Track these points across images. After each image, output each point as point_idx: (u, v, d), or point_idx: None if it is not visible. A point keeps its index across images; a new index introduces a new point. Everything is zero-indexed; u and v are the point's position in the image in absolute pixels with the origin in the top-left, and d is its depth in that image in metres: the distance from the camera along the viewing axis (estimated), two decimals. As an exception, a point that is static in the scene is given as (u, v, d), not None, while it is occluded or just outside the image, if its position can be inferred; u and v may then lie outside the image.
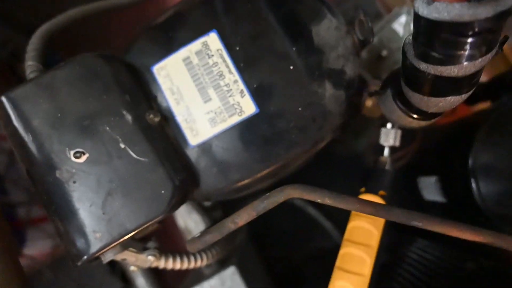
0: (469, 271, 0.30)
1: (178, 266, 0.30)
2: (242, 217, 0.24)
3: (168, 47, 0.28)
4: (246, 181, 0.28)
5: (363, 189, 0.31)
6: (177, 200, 0.26)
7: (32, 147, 0.25)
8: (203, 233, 0.25)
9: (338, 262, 0.28)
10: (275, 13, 0.28)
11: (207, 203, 0.53)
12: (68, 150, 0.25)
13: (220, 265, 0.41)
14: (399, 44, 0.40)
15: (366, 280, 0.27)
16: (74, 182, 0.25)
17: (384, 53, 0.41)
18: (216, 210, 0.55)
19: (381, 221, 0.29)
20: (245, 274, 0.37)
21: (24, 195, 0.55)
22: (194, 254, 0.31)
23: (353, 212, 0.30)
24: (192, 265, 0.31)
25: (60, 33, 0.32)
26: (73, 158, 0.25)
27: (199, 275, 0.40)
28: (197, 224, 0.57)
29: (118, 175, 0.25)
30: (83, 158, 0.25)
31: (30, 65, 0.28)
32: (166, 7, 0.29)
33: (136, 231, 0.25)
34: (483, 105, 0.42)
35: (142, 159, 0.26)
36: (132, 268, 0.29)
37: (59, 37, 0.32)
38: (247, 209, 0.24)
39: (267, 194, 0.25)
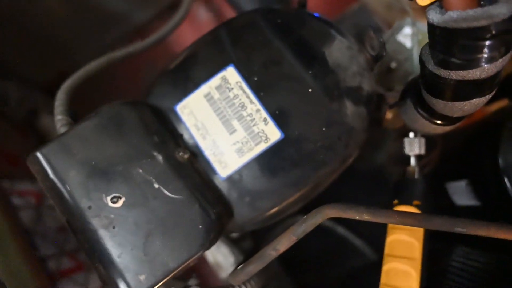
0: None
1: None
2: (283, 243, 0.24)
3: (188, 86, 0.29)
4: (279, 207, 0.28)
5: (396, 201, 0.31)
6: (215, 233, 0.26)
7: (71, 198, 0.26)
8: (245, 264, 0.25)
9: (383, 280, 0.28)
10: (286, 41, 0.29)
11: (234, 235, 0.53)
12: (105, 197, 0.26)
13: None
14: (406, 55, 0.41)
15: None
16: (114, 227, 0.25)
17: (394, 65, 0.42)
18: (244, 241, 0.54)
19: (420, 232, 0.28)
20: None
21: (53, 247, 0.56)
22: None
23: (389, 226, 0.30)
24: None
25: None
26: (110, 204, 0.26)
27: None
28: (226, 257, 0.56)
29: (155, 215, 0.25)
30: (120, 203, 0.26)
31: (59, 119, 0.30)
32: (173, 50, 0.31)
33: (179, 269, 0.25)
34: (501, 103, 0.42)
35: (177, 196, 0.26)
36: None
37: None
38: (286, 234, 0.24)
39: (305, 217, 0.25)
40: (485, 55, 0.19)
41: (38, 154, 0.26)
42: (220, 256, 0.57)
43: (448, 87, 0.22)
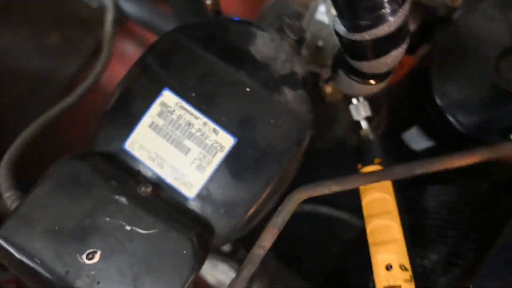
0: (486, 191, 0.32)
1: None
2: (267, 239, 0.25)
3: (130, 122, 0.29)
4: (255, 208, 0.28)
5: (359, 165, 0.32)
6: (201, 253, 0.26)
7: (45, 270, 0.24)
8: (238, 272, 0.25)
9: (369, 239, 0.29)
10: (212, 50, 0.29)
11: (226, 249, 0.53)
12: (80, 256, 0.25)
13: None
14: (328, 31, 0.43)
15: (401, 243, 0.27)
16: (98, 283, 0.24)
17: (320, 43, 0.44)
18: (238, 252, 0.54)
19: (389, 186, 0.30)
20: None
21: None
22: None
23: (361, 189, 0.31)
24: None
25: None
26: (87, 261, 0.25)
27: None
28: (227, 273, 0.56)
29: (136, 257, 0.25)
30: (97, 257, 0.25)
31: (8, 196, 0.28)
32: (108, 92, 0.31)
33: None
34: (423, 49, 0.45)
35: (152, 231, 0.26)
36: None
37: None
38: (268, 229, 0.25)
39: (279, 208, 0.25)
40: (387, 10, 0.21)
41: None
42: (220, 275, 0.56)
43: (367, 48, 0.23)
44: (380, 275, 0.27)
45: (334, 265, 0.57)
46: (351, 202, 0.56)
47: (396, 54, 0.24)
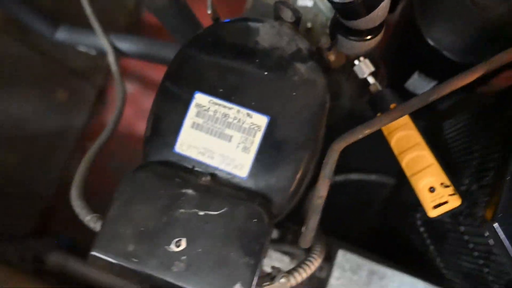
0: (493, 104, 0.35)
1: (308, 271, 0.33)
2: (321, 188, 0.28)
3: (174, 128, 0.33)
4: (301, 171, 0.32)
5: (378, 114, 0.36)
6: (268, 219, 0.29)
7: (142, 266, 0.28)
8: (305, 223, 0.29)
9: (407, 173, 0.32)
10: (223, 51, 0.34)
11: (275, 236, 0.56)
12: (168, 246, 0.28)
13: (326, 264, 0.44)
14: (313, 11, 0.48)
15: (436, 165, 0.31)
16: (190, 265, 0.28)
17: (309, 25, 0.48)
18: (286, 236, 0.57)
19: (411, 124, 0.33)
20: (350, 252, 0.40)
21: None
22: (310, 255, 0.34)
23: (386, 134, 0.35)
24: (317, 262, 0.33)
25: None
26: (176, 249, 0.28)
27: (320, 281, 0.42)
28: (281, 260, 0.59)
29: (216, 235, 0.29)
30: (183, 244, 0.29)
31: (89, 220, 0.32)
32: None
33: (262, 261, 0.28)
34: (401, 4, 0.49)
35: (222, 210, 0.29)
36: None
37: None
38: (320, 181, 0.28)
39: (324, 161, 0.29)
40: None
41: (95, 253, 0.29)
42: (276, 263, 0.59)
43: (359, 6, 0.27)
44: (426, 199, 0.30)
45: (375, 227, 0.60)
46: (375, 161, 0.60)
47: (385, 4, 0.28)
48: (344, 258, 0.38)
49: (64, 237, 0.94)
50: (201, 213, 0.29)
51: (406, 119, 0.33)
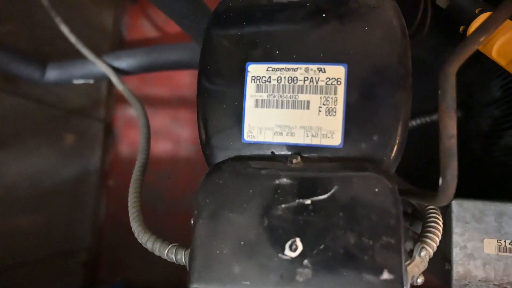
0: None
1: (439, 232, 0.27)
2: (449, 124, 0.22)
3: (235, 115, 0.27)
4: (403, 113, 0.26)
5: (462, 27, 0.29)
6: (391, 182, 0.23)
7: (258, 284, 0.22)
8: (442, 175, 0.22)
9: None
10: (258, 9, 0.27)
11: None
12: (283, 253, 0.22)
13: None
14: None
15: None
16: (318, 267, 0.22)
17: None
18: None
19: (509, 23, 0.27)
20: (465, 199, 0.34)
21: None
22: (429, 211, 0.28)
23: (481, 49, 0.28)
24: (440, 218, 0.27)
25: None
26: (293, 254, 0.22)
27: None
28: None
29: (334, 220, 0.23)
30: (299, 245, 0.22)
31: (168, 251, 0.26)
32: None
33: (403, 241, 0.22)
34: None
35: (332, 191, 0.23)
36: (420, 280, 0.26)
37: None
38: (445, 116, 0.22)
39: (440, 90, 0.23)
40: None
41: (196, 286, 0.23)
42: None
43: None
44: None
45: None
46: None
47: None
48: (461, 208, 0.32)
49: (116, 283, 0.89)
50: (307, 201, 0.23)
51: (507, 21, 0.27)
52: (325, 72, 0.26)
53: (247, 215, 0.23)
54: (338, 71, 0.26)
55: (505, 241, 0.32)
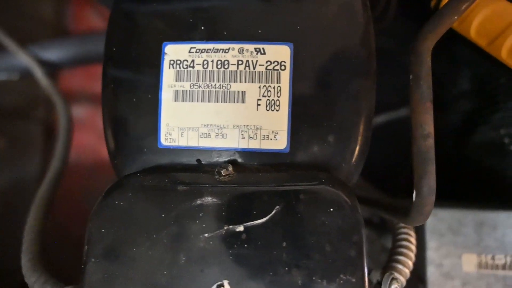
0: None
1: (411, 255, 0.21)
2: (425, 120, 0.17)
3: (148, 111, 0.20)
4: (366, 108, 0.20)
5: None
6: (351, 198, 0.18)
7: None
8: (416, 186, 0.17)
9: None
10: None
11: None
12: (206, 304, 0.16)
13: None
14: None
15: None
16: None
17: None
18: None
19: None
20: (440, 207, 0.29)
21: None
22: (400, 232, 0.22)
23: (456, 25, 0.23)
24: (413, 238, 0.22)
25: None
26: (220, 304, 0.16)
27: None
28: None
29: (273, 258, 0.16)
30: (228, 290, 0.16)
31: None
32: None
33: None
34: None
35: (273, 212, 0.17)
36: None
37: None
38: (419, 109, 0.17)
39: (412, 72, 0.17)
40: None
41: None
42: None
43: None
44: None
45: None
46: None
47: None
48: (435, 218, 0.27)
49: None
50: (240, 228, 0.17)
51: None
52: (264, 53, 0.20)
53: (157, 250, 0.17)
54: (281, 53, 0.20)
55: (486, 256, 0.27)
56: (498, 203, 0.28)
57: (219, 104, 0.20)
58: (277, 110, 0.19)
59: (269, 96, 0.19)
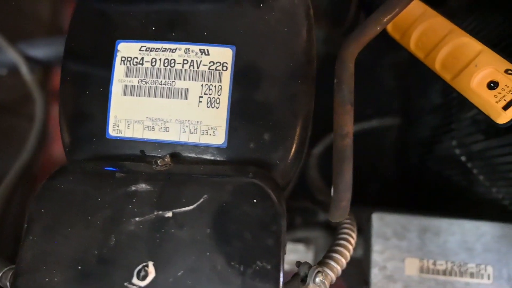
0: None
1: (347, 254, 0.22)
2: (344, 120, 0.18)
3: (98, 103, 0.22)
4: (304, 110, 0.22)
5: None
6: (276, 191, 0.19)
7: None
8: (334, 184, 0.18)
9: (447, 77, 0.22)
10: None
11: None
12: (129, 282, 0.17)
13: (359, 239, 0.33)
14: None
15: (488, 50, 0.21)
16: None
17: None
18: (294, 218, 0.47)
19: (430, 11, 0.23)
20: (387, 212, 0.30)
21: None
22: (341, 231, 0.24)
23: (399, 38, 0.25)
24: (353, 239, 0.23)
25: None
26: (143, 283, 0.17)
27: (357, 263, 0.32)
28: (296, 250, 0.49)
29: (200, 241, 0.18)
30: (151, 271, 0.17)
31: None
32: None
33: (281, 266, 0.17)
34: None
35: (201, 200, 0.18)
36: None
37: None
38: (339, 110, 0.18)
39: (336, 79, 0.18)
40: None
41: None
42: (294, 255, 0.50)
43: None
44: (489, 100, 0.20)
45: (394, 178, 0.50)
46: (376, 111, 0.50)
47: None
48: (382, 222, 0.28)
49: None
50: (168, 214, 0.18)
51: (422, 7, 0.23)
52: (208, 54, 0.21)
53: (91, 231, 0.18)
54: (224, 54, 0.21)
55: (428, 261, 0.28)
56: (442, 211, 0.30)
57: (164, 99, 0.21)
58: (217, 108, 0.21)
59: (210, 94, 0.21)
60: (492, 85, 0.21)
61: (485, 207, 0.33)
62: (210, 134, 0.21)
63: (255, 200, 0.18)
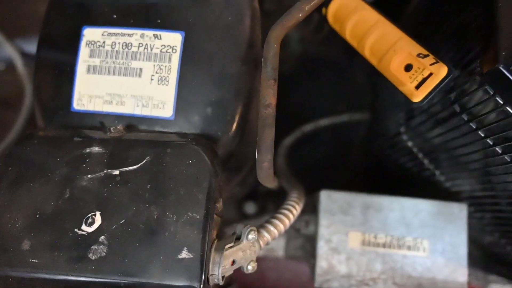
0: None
1: (285, 220, 0.25)
2: (267, 93, 0.21)
3: (65, 80, 0.25)
4: (244, 88, 0.24)
5: (323, 9, 0.29)
6: (211, 155, 0.22)
7: (47, 269, 0.20)
8: (257, 148, 0.21)
9: (374, 62, 0.25)
10: None
11: (251, 211, 0.48)
12: (79, 228, 0.20)
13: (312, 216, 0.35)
14: None
15: (407, 38, 0.24)
16: (114, 244, 0.20)
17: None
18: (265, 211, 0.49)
19: (362, 4, 0.26)
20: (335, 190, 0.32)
21: None
22: (285, 202, 0.26)
23: (338, 30, 0.28)
24: (294, 209, 0.26)
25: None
26: (89, 229, 0.20)
27: (310, 238, 0.34)
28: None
29: (141, 195, 0.20)
30: (97, 219, 0.20)
31: None
32: None
33: (210, 219, 0.20)
34: None
35: (144, 161, 0.21)
36: (250, 267, 0.24)
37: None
38: (264, 85, 0.21)
39: (263, 56, 0.21)
40: None
41: None
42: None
43: None
44: (405, 81, 0.23)
45: (362, 169, 0.53)
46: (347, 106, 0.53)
47: None
48: (329, 199, 0.31)
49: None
50: (116, 172, 0.21)
51: (356, 1, 0.26)
52: (161, 39, 0.24)
53: (49, 186, 0.21)
54: (174, 39, 0.24)
55: (369, 235, 0.30)
56: (384, 189, 0.32)
57: (121, 77, 0.24)
58: (166, 85, 0.24)
59: (161, 73, 0.24)
60: (408, 67, 0.23)
61: (431, 189, 0.35)
62: (160, 108, 0.24)
63: (190, 161, 0.21)
